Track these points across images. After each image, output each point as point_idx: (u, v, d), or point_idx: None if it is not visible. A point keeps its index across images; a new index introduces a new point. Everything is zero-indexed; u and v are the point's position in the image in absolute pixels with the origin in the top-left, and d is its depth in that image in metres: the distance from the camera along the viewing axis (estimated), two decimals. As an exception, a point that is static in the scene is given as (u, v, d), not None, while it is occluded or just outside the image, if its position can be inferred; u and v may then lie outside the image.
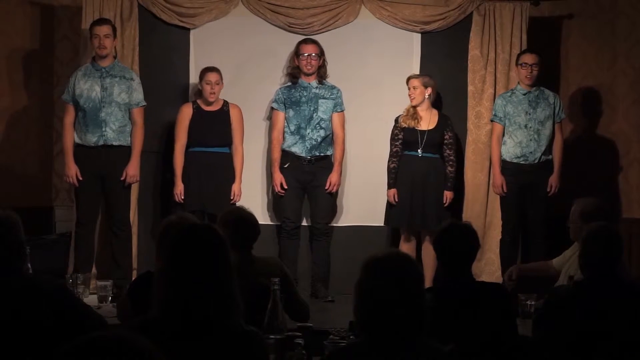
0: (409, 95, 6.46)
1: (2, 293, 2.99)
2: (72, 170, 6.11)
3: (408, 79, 6.49)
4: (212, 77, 6.36)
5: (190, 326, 2.45)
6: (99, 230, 6.40)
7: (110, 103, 6.12)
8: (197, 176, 6.35)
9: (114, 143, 6.12)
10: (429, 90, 6.49)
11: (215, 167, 6.39)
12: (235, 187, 6.40)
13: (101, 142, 6.10)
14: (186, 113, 6.42)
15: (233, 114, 6.44)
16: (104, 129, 6.10)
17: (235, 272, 2.56)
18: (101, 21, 6.22)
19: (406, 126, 6.44)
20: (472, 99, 6.78)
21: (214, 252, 2.53)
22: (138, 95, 6.21)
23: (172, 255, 2.54)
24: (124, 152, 6.15)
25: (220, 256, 2.54)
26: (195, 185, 6.35)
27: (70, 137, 6.15)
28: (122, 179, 6.13)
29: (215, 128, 6.39)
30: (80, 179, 6.10)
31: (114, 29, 6.21)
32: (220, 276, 2.51)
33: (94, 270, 6.26)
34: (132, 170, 6.17)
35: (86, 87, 6.12)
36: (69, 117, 6.16)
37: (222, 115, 6.44)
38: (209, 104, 6.41)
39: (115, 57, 6.29)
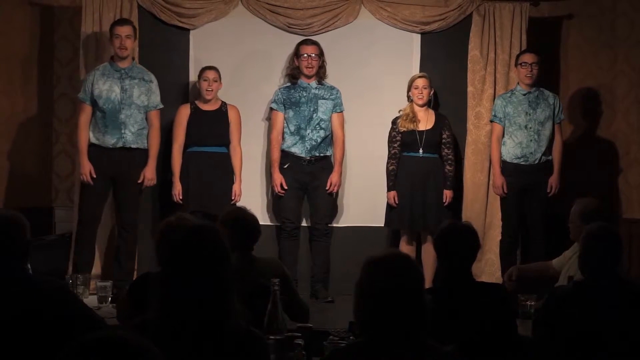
0: (418, 94, 6.44)
1: (2, 294, 2.99)
2: (87, 168, 6.06)
3: (415, 79, 6.48)
4: (209, 74, 6.39)
5: (190, 327, 2.45)
6: (103, 231, 6.38)
7: (130, 105, 6.10)
8: (196, 176, 6.35)
9: (132, 146, 6.09)
10: (432, 90, 6.51)
11: (213, 166, 6.39)
12: (235, 187, 6.40)
13: (120, 144, 6.07)
14: (184, 113, 6.43)
15: (231, 114, 6.45)
16: (123, 131, 6.07)
17: (235, 273, 2.56)
18: (122, 21, 6.18)
19: (405, 130, 6.44)
20: (471, 99, 6.78)
21: (214, 254, 2.53)
22: (156, 97, 6.20)
23: (172, 257, 2.54)
24: (140, 155, 6.13)
25: (220, 257, 2.54)
26: (194, 186, 6.35)
27: (85, 136, 6.09)
28: (139, 181, 6.11)
29: (213, 128, 6.39)
30: (94, 176, 6.07)
31: (135, 30, 6.19)
32: (220, 277, 2.50)
33: (97, 271, 6.25)
34: (150, 173, 6.15)
35: (105, 87, 6.08)
36: (85, 116, 6.11)
37: (220, 116, 6.44)
38: (207, 102, 6.41)
39: (133, 59, 6.27)
